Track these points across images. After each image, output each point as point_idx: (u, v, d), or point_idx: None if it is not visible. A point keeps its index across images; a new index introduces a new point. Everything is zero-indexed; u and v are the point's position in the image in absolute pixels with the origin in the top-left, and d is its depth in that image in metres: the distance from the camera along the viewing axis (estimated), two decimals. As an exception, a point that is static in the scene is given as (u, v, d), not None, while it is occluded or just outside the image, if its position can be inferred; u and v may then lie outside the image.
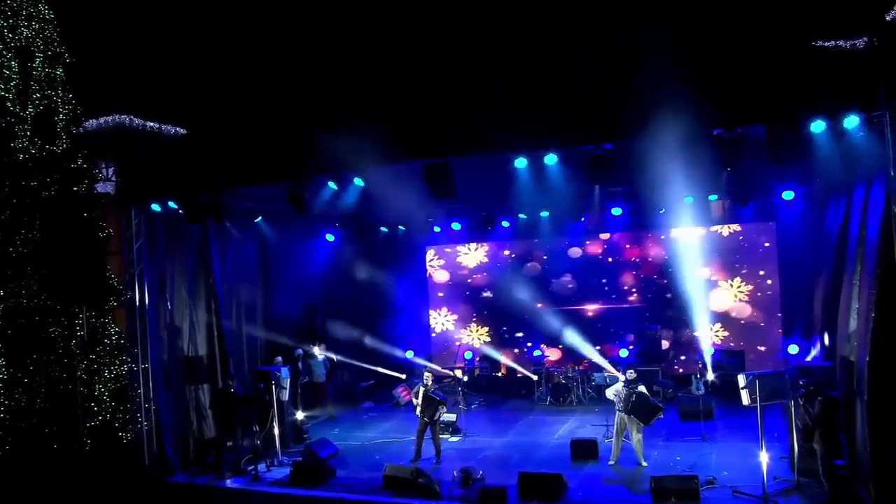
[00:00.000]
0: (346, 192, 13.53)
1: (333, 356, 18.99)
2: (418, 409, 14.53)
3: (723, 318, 20.76)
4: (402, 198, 16.86)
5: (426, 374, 15.03)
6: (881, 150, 10.64)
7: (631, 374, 13.70)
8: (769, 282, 20.40)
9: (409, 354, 22.20)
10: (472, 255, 23.10)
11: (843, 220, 14.09)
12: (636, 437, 13.44)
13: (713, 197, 19.12)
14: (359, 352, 20.56)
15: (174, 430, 14.54)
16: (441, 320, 23.58)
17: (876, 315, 10.29)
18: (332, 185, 12.96)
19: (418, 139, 11.08)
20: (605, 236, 21.63)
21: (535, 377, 20.51)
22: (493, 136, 11.05)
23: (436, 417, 14.43)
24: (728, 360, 19.13)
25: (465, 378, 20.28)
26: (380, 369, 21.14)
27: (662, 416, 13.49)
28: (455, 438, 16.19)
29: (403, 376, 21.59)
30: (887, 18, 10.51)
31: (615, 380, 15.91)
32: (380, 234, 21.15)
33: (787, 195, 16.55)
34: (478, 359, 22.36)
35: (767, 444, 14.32)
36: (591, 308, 21.93)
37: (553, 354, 21.88)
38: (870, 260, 11.03)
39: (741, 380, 11.68)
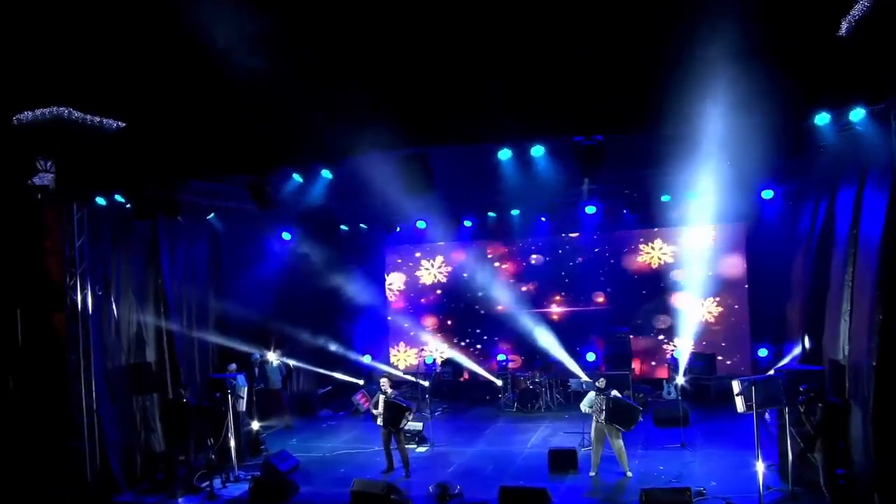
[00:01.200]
0: (313, 185, 12.50)
1: (289, 361, 17.93)
2: (379, 418, 13.58)
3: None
4: (369, 193, 16.02)
5: (382, 380, 14.09)
6: (877, 146, 10.22)
7: (601, 382, 13.02)
8: (737, 286, 20.01)
9: (367, 359, 21.27)
10: (436, 258, 22.23)
11: (824, 220, 13.68)
12: (618, 445, 12.79)
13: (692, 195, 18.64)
14: (315, 356, 19.50)
15: (120, 444, 13.26)
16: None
17: (883, 317, 9.75)
18: (297, 177, 11.92)
19: (399, 127, 10.13)
20: (573, 235, 20.96)
21: (499, 382, 19.80)
22: (478, 125, 10.22)
23: (402, 426, 13.52)
24: (698, 363, 18.67)
25: (427, 383, 19.44)
26: (337, 375, 20.20)
27: (642, 418, 12.86)
28: (422, 449, 15.30)
29: (361, 382, 20.69)
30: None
31: (591, 386, 15.26)
32: (340, 232, 20.09)
33: (767, 194, 16.11)
34: (439, 364, 21.48)
35: (746, 452, 14.02)
36: (556, 311, 21.24)
37: (517, 359, 21.15)
38: (870, 260, 10.52)
39: (735, 386, 11.10)
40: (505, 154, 10.95)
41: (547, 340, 20.35)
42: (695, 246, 19.96)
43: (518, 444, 15.42)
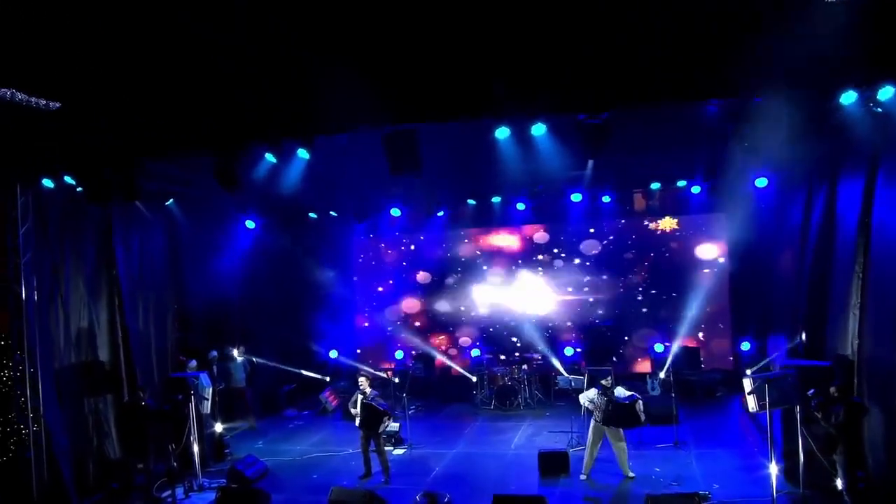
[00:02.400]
0: (286, 167, 11.38)
1: (253, 358, 16.79)
2: (357, 420, 12.58)
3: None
4: (345, 177, 14.96)
5: (361, 378, 13.02)
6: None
7: (608, 380, 12.19)
8: (712, 273, 19.40)
9: (334, 354, 20.18)
10: (409, 247, 21.18)
11: (823, 209, 13.06)
12: (620, 446, 12.02)
13: (655, 185, 17.96)
14: (279, 352, 18.36)
15: (70, 451, 11.95)
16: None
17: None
18: (270, 157, 10.78)
19: (386, 100, 9.09)
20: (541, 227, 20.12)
21: (473, 378, 18.92)
22: (474, 99, 9.25)
23: (381, 430, 12.55)
24: (682, 357, 18.02)
25: (397, 380, 18.48)
26: (303, 372, 19.07)
27: (641, 402, 12.07)
28: (399, 451, 14.33)
29: (328, 378, 19.62)
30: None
31: (580, 383, 14.46)
32: (308, 220, 18.91)
33: (761, 182, 15.43)
34: (410, 359, 20.50)
35: (742, 451, 13.42)
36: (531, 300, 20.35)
37: (494, 353, 20.31)
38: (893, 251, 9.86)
39: (747, 384, 10.37)
40: (503, 133, 9.97)
41: (524, 333, 19.60)
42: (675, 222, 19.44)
43: (501, 446, 14.54)
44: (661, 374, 17.75)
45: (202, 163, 11.58)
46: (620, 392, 12.06)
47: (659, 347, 18.95)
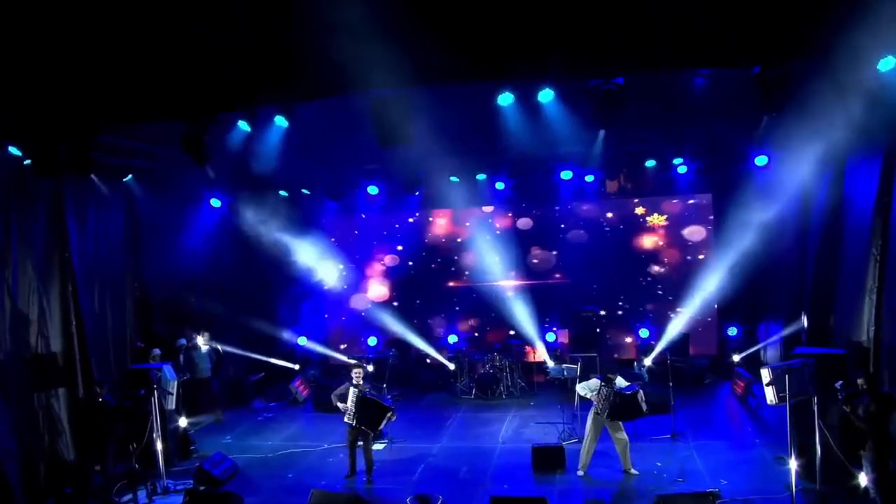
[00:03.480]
0: (261, 137, 10.27)
1: (219, 346, 15.66)
2: (348, 416, 11.57)
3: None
4: (321, 150, 13.90)
5: (355, 371, 11.94)
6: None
7: (615, 375, 11.34)
8: (700, 257, 18.73)
9: (303, 341, 19.12)
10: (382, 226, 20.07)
11: (830, 190, 12.39)
12: (622, 439, 11.25)
13: (650, 162, 17.15)
14: (246, 339, 17.25)
15: (18, 453, 10.69)
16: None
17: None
18: (244, 125, 9.67)
19: (376, 62, 8.04)
20: (523, 211, 19.22)
21: (451, 366, 18.04)
22: (478, 61, 8.25)
23: (381, 428, 11.59)
24: (671, 344, 17.32)
25: (372, 368, 17.51)
26: (271, 360, 18.00)
27: (642, 392, 11.26)
28: (380, 445, 13.37)
29: (297, 367, 18.57)
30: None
31: (573, 372, 13.66)
32: (278, 199, 17.72)
33: (761, 160, 14.72)
34: (383, 345, 19.53)
35: (742, 442, 12.75)
36: (509, 284, 19.46)
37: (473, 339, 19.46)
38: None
39: (766, 375, 9.57)
40: (506, 99, 9.01)
41: (506, 319, 18.78)
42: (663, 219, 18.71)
43: (488, 439, 13.67)
44: (647, 361, 17.12)
45: (164, 134, 10.46)
46: (621, 382, 11.26)
47: (644, 333, 18.31)
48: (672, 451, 12.36)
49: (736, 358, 17.37)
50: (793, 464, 9.52)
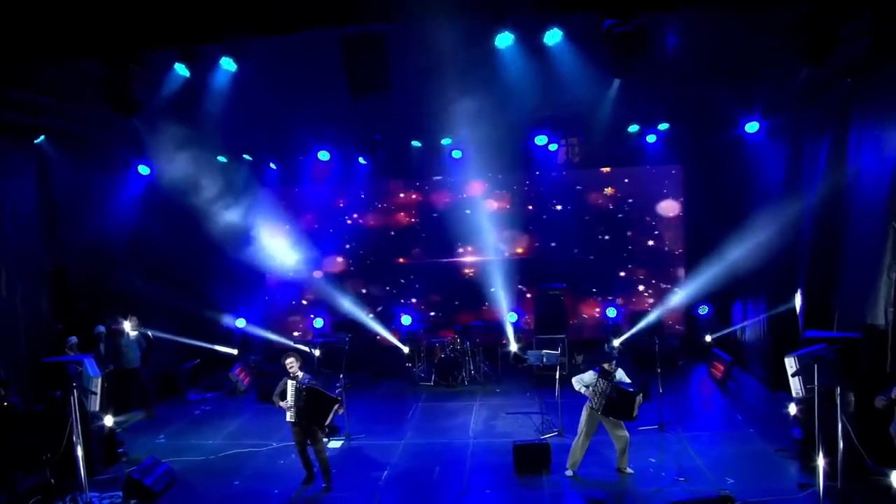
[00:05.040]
0: (201, 85, 8.55)
1: (149, 332, 13.88)
2: (290, 413, 9.99)
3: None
4: (266, 109, 12.17)
5: (289, 360, 10.13)
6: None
7: (612, 365, 10.07)
8: (672, 233, 17.69)
9: (241, 323, 17.38)
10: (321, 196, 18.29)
11: (829, 161, 11.41)
12: (620, 436, 10.02)
13: (634, 127, 15.97)
14: (179, 323, 15.45)
15: None
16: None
17: None
18: (181, 68, 7.95)
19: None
20: (482, 178, 17.78)
21: (406, 349, 16.64)
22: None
23: (328, 423, 10.03)
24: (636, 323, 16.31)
25: (318, 353, 16.00)
26: (207, 345, 16.23)
27: (642, 399, 10.05)
28: (336, 443, 11.89)
29: (235, 352, 16.85)
30: None
31: (554, 358, 12.39)
32: (215, 165, 15.82)
33: (751, 127, 13.63)
34: (330, 327, 17.95)
35: (736, 433, 11.72)
36: (469, 260, 18.05)
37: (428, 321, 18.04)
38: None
39: (791, 364, 8.43)
40: (505, 40, 7.54)
41: (463, 298, 17.45)
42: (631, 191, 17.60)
43: (458, 433, 12.30)
44: (616, 342, 16.02)
45: (83, 88, 8.65)
46: (622, 376, 10.03)
47: (612, 312, 17.24)
48: (663, 444, 11.24)
49: (708, 338, 16.47)
50: (820, 461, 8.40)
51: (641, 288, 17.80)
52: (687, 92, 13.05)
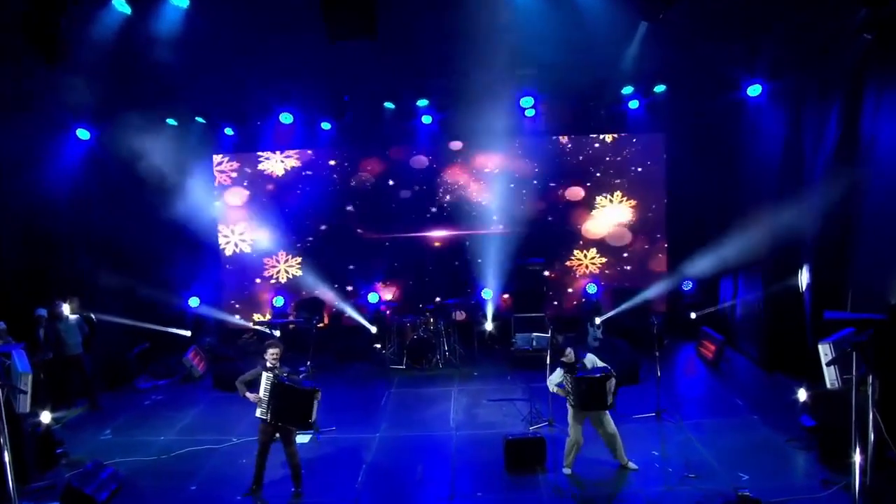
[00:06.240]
0: (150, 26, 7.19)
1: (92, 315, 12.51)
2: (260, 410, 8.80)
3: (598, 247, 16.82)
4: (221, 64, 10.80)
5: (271, 350, 9.00)
6: None
7: (569, 354, 9.12)
8: (654, 206, 16.73)
9: (195, 302, 16.03)
10: (280, 164, 16.87)
11: (840, 127, 10.59)
12: (609, 430, 9.12)
13: (628, 89, 14.89)
14: (125, 304, 14.05)
15: None
16: (235, 239, 17.25)
17: None
18: (119, 3, 6.59)
19: None
20: (456, 145, 16.57)
21: (374, 329, 15.52)
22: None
23: (312, 419, 8.84)
24: (621, 301, 15.38)
25: (278, 333, 14.81)
26: (157, 327, 14.87)
27: (614, 380, 9.04)
28: (304, 438, 10.73)
29: (189, 334, 15.50)
30: None
31: (544, 341, 11.39)
32: (164, 129, 14.30)
33: (754, 90, 12.66)
34: (290, 307, 16.71)
35: (739, 420, 10.87)
36: (438, 235, 16.88)
37: (390, 294, 16.86)
38: None
39: (825, 352, 7.46)
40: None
41: (435, 274, 16.37)
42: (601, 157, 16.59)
43: (438, 424, 11.24)
44: (598, 320, 15.14)
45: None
46: (591, 361, 9.09)
47: (592, 288, 16.31)
48: (664, 434, 10.36)
49: (693, 316, 15.65)
50: (857, 457, 7.51)
51: (626, 262, 16.84)
52: (685, 52, 12.02)
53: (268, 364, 8.89)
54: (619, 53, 11.49)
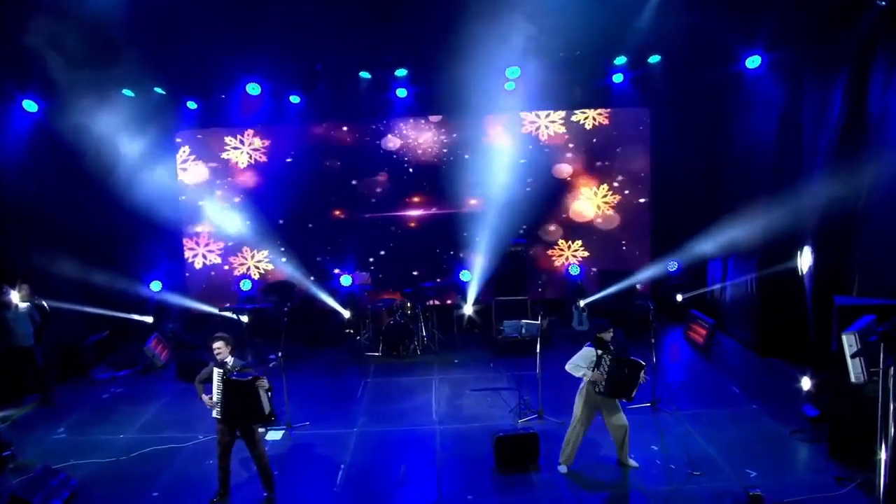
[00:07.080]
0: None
1: (44, 302, 11.55)
2: (216, 410, 7.95)
3: (584, 231, 16.19)
4: (183, 28, 9.87)
5: (217, 343, 8.01)
6: None
7: (608, 333, 8.44)
8: (639, 185, 16.10)
9: (157, 286, 15.11)
10: (244, 147, 15.95)
11: (847, 103, 10.09)
12: (619, 425, 8.46)
13: (620, 59, 14.15)
14: (81, 290, 13.13)
15: None
16: (202, 251, 16.41)
17: None
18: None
19: None
20: (435, 118, 15.78)
21: (347, 313, 14.77)
22: None
23: (267, 412, 7.99)
24: (608, 283, 14.78)
25: (246, 319, 13.91)
26: (116, 314, 13.90)
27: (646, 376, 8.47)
28: (276, 435, 9.96)
29: (150, 320, 14.58)
30: None
31: (534, 329, 10.69)
32: (121, 100, 13.27)
33: (753, 62, 12.02)
34: (260, 291, 15.86)
35: (739, 410, 10.31)
36: (413, 214, 16.09)
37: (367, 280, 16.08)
38: None
39: (850, 343, 6.84)
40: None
41: (412, 255, 15.62)
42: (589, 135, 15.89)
43: (420, 418, 10.51)
44: (582, 303, 14.56)
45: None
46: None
47: (574, 269, 15.71)
48: (662, 426, 9.76)
49: (679, 298, 15.10)
50: (883, 455, 6.94)
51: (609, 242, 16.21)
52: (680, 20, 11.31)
53: (217, 357, 8.02)
54: (622, 22, 10.75)
